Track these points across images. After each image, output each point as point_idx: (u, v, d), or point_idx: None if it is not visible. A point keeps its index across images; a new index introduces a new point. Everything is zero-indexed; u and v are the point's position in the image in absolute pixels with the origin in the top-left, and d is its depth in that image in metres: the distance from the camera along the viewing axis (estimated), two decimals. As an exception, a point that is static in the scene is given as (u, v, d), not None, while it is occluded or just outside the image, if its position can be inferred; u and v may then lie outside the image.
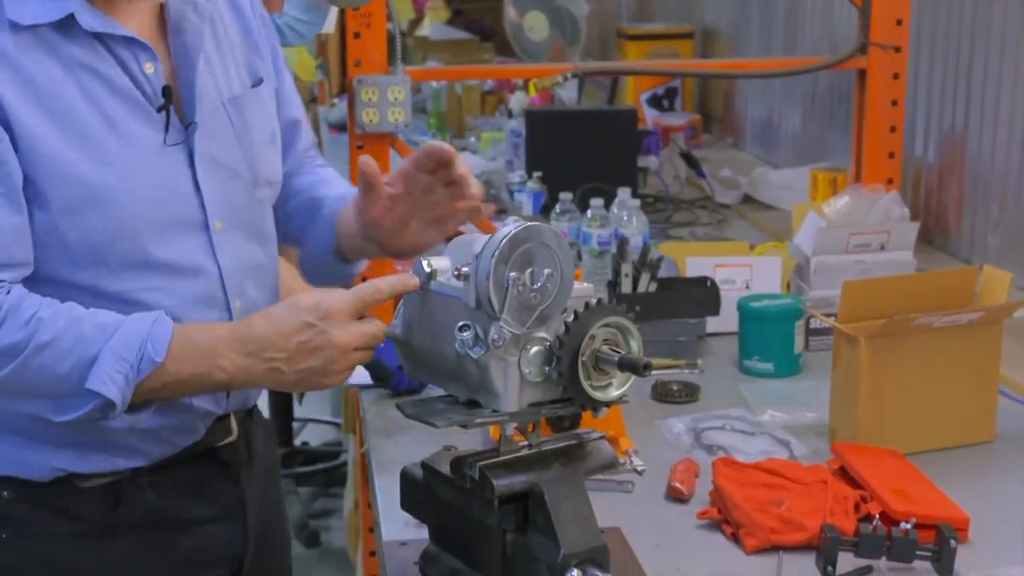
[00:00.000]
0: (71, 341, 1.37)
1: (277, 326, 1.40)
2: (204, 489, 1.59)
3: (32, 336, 1.36)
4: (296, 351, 1.40)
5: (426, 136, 4.72)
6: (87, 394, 1.37)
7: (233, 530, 1.64)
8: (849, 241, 2.60)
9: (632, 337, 1.38)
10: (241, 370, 1.41)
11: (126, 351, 1.37)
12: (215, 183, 1.51)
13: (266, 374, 1.41)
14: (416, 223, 1.63)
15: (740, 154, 4.69)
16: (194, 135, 1.50)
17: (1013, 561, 1.61)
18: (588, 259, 2.93)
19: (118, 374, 1.37)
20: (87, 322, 1.39)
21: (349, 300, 1.41)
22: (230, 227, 1.53)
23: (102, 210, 1.41)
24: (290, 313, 1.41)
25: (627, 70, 4.28)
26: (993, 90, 2.92)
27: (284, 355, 1.40)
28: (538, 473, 1.38)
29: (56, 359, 1.37)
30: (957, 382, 1.96)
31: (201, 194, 1.50)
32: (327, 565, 4.04)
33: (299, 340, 1.40)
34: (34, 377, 1.37)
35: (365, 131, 2.73)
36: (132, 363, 1.37)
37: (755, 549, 1.64)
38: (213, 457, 1.60)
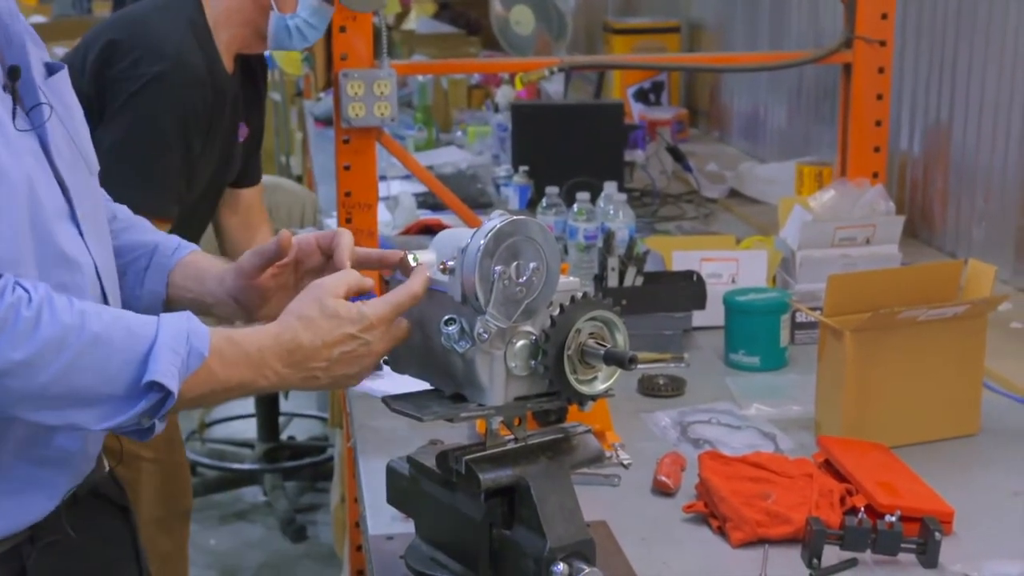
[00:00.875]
0: (121, 335, 1.27)
1: (322, 337, 1.36)
2: (100, 532, 1.52)
3: (84, 324, 1.25)
4: (337, 360, 1.38)
5: (412, 131, 4.72)
6: (140, 392, 1.27)
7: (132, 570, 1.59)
8: (835, 235, 2.60)
9: (618, 331, 1.38)
10: (282, 378, 1.37)
11: (176, 344, 1.30)
12: (66, 169, 1.42)
13: (303, 381, 1.39)
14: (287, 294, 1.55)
15: (726, 148, 4.70)
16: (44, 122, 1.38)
17: (997, 553, 1.61)
18: (574, 253, 2.93)
19: (173, 367, 1.29)
20: (128, 317, 1.31)
21: (390, 309, 1.38)
22: (88, 219, 1.44)
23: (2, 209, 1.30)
24: (334, 323, 1.37)
25: (613, 64, 4.28)
26: (978, 84, 2.93)
27: (325, 364, 1.37)
28: (524, 467, 1.38)
29: (108, 353, 1.26)
30: (942, 375, 1.96)
31: (63, 182, 1.40)
32: (314, 560, 4.04)
33: (343, 351, 1.37)
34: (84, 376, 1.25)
35: (351, 125, 2.72)
36: (183, 357, 1.30)
37: (741, 542, 1.65)
38: (96, 495, 1.52)
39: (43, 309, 1.24)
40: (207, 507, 4.38)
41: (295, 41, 2.53)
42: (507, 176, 3.79)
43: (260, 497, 4.43)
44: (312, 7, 2.51)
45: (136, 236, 1.63)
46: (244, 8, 2.48)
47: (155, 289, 1.61)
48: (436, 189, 2.99)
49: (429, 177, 3.02)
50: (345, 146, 2.77)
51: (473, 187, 3.92)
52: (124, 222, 1.65)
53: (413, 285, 1.39)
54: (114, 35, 2.41)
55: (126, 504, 1.59)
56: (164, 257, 1.61)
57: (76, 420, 1.28)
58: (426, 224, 3.38)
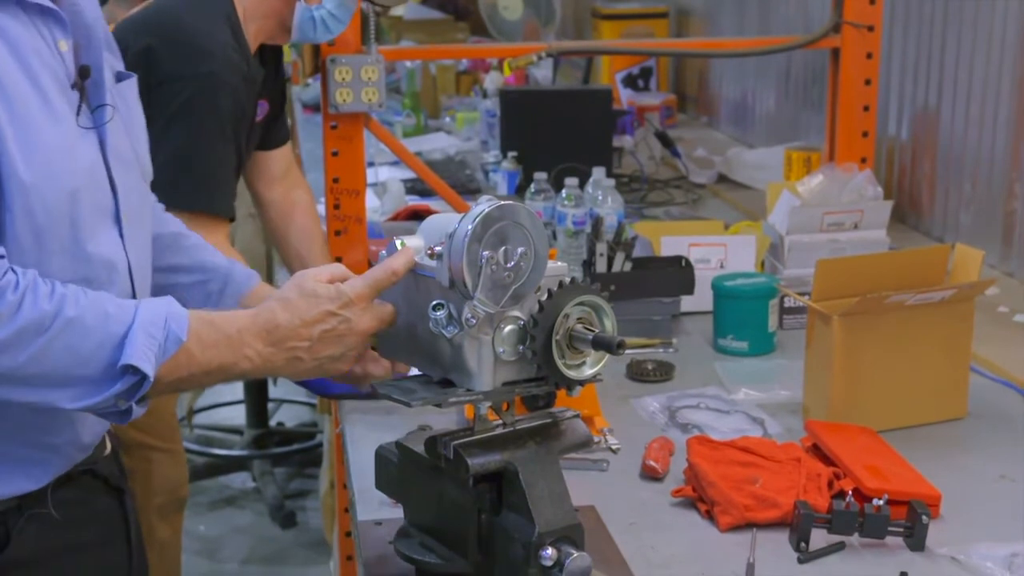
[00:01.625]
0: (95, 318, 1.30)
1: (301, 316, 1.38)
2: (90, 510, 1.54)
3: (59, 310, 1.28)
4: (319, 339, 1.39)
5: (400, 117, 4.71)
6: (115, 374, 1.30)
7: (118, 553, 1.59)
8: (823, 220, 2.61)
9: (606, 316, 1.38)
10: (265, 360, 1.39)
11: (153, 328, 1.32)
12: (120, 170, 1.46)
13: (287, 363, 1.40)
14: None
15: (715, 134, 4.70)
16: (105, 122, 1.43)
17: (984, 536, 1.62)
18: (563, 239, 2.93)
19: (148, 351, 1.31)
20: (107, 300, 1.33)
21: (368, 286, 1.40)
22: (131, 220, 1.48)
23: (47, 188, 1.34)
24: (311, 302, 1.39)
25: (602, 50, 4.28)
26: (966, 70, 2.93)
27: (307, 344, 1.39)
28: (512, 452, 1.38)
29: (81, 336, 1.29)
30: (929, 360, 1.97)
31: (113, 182, 1.44)
32: (303, 546, 4.04)
33: (323, 329, 1.39)
34: (58, 357, 1.28)
35: (339, 111, 2.71)
36: (160, 341, 1.32)
37: (729, 526, 1.65)
38: (93, 474, 1.54)
39: (27, 294, 1.27)
40: (196, 493, 4.37)
41: (319, 33, 2.51)
42: (495, 162, 3.79)
43: (249, 483, 4.43)
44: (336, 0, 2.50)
45: (209, 257, 1.69)
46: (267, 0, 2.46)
47: None
48: (424, 175, 2.98)
49: (417, 163, 3.02)
50: (333, 132, 2.76)
51: (461, 173, 3.92)
52: (195, 239, 1.70)
53: (393, 262, 1.40)
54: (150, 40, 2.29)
55: (122, 486, 1.60)
56: (236, 287, 1.66)
57: (50, 399, 1.31)
58: (414, 210, 3.38)
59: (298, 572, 3.91)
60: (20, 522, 1.44)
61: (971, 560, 1.55)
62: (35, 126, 1.34)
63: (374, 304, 1.41)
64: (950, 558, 1.57)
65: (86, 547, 1.53)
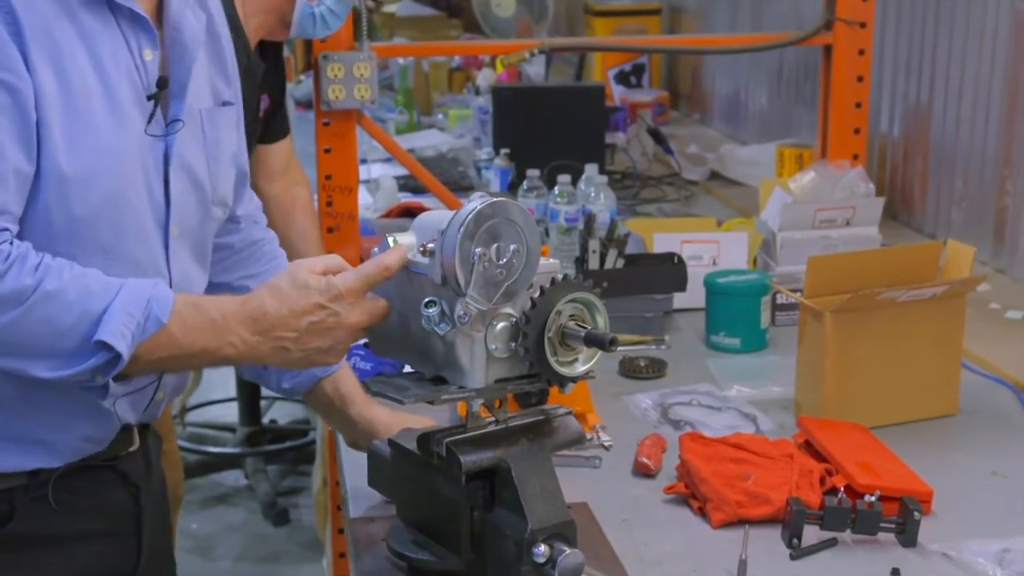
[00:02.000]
0: (77, 293, 1.33)
1: (289, 306, 1.38)
2: (101, 501, 1.56)
3: (39, 283, 1.31)
4: (307, 331, 1.39)
5: (393, 114, 4.70)
6: (91, 349, 1.33)
7: (126, 545, 1.60)
8: (815, 217, 2.61)
9: (598, 313, 1.38)
10: (251, 347, 1.39)
11: (133, 308, 1.34)
12: (180, 186, 1.50)
13: (273, 352, 1.40)
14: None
15: (707, 130, 4.70)
16: (175, 132, 1.48)
17: (976, 532, 1.62)
18: (555, 235, 2.93)
19: (126, 329, 1.33)
20: (92, 277, 1.35)
21: (359, 280, 1.40)
22: (182, 236, 1.52)
23: (91, 184, 1.38)
24: (301, 293, 1.39)
25: (594, 46, 4.27)
26: (957, 66, 2.94)
27: (294, 335, 1.39)
28: (505, 449, 1.38)
29: (61, 310, 1.32)
30: (921, 356, 1.97)
31: (169, 194, 1.48)
32: (296, 543, 4.04)
33: (311, 320, 1.39)
34: (34, 327, 1.32)
35: (331, 108, 2.71)
36: (139, 321, 1.34)
37: (722, 523, 1.65)
38: (113, 468, 1.56)
39: (12, 266, 1.31)
40: (188, 491, 4.35)
41: (318, 29, 2.52)
42: (488, 159, 3.78)
43: (242, 481, 4.43)
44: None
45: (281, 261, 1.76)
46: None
47: None
48: (417, 172, 2.98)
49: (410, 160, 3.02)
50: (325, 129, 2.76)
51: (454, 170, 3.92)
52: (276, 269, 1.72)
53: (386, 258, 1.40)
54: None
55: (139, 483, 1.61)
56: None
57: (25, 368, 1.35)
58: (407, 207, 3.37)
59: (291, 570, 3.90)
60: (26, 501, 1.47)
61: (963, 556, 1.56)
62: (92, 125, 1.38)
63: (366, 299, 1.41)
64: (942, 554, 1.58)
65: (91, 536, 1.54)
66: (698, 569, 1.56)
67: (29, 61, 1.34)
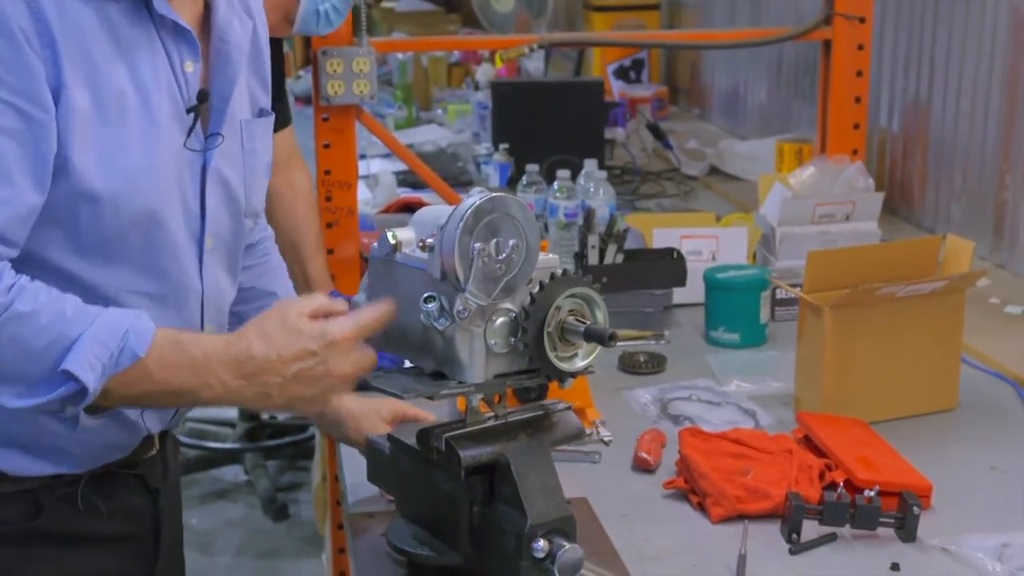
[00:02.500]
0: (50, 317, 1.26)
1: (278, 351, 1.31)
2: (122, 505, 1.54)
3: (10, 304, 1.25)
4: (293, 378, 1.32)
5: (392, 109, 4.70)
6: (58, 378, 1.26)
7: (146, 547, 1.59)
8: (814, 212, 2.61)
9: (598, 308, 1.38)
10: (232, 392, 1.32)
11: (108, 338, 1.28)
12: (216, 199, 1.46)
13: (255, 397, 1.33)
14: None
15: (706, 126, 4.70)
16: (214, 147, 1.45)
17: (975, 527, 1.62)
18: (555, 231, 2.93)
19: (96, 360, 1.27)
20: (69, 302, 1.30)
21: (353, 328, 1.34)
22: (216, 250, 1.48)
23: (124, 202, 1.34)
24: (291, 337, 1.31)
25: (593, 41, 4.27)
26: (957, 61, 2.94)
27: (279, 380, 1.31)
28: (504, 444, 1.38)
29: (32, 333, 1.25)
30: (920, 351, 1.97)
31: (204, 207, 1.45)
32: (295, 538, 4.04)
33: (299, 367, 1.31)
34: (3, 349, 1.25)
35: (330, 103, 2.71)
36: (112, 352, 1.27)
37: (721, 518, 1.65)
38: (133, 470, 1.54)
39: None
40: (188, 486, 4.37)
41: (321, 26, 2.52)
42: (487, 154, 3.78)
43: (241, 476, 4.43)
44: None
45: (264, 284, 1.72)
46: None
47: None
48: (416, 167, 2.98)
49: (409, 155, 3.01)
50: (324, 124, 2.76)
51: (453, 165, 3.91)
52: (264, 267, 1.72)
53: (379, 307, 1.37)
54: None
55: (158, 486, 1.59)
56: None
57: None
58: (406, 202, 3.37)
59: (290, 565, 3.91)
60: (52, 500, 1.45)
61: (962, 551, 1.56)
62: (127, 142, 1.34)
63: (356, 348, 1.35)
64: (941, 549, 1.58)
65: (112, 539, 1.53)
66: (697, 564, 1.56)
67: (63, 78, 1.29)
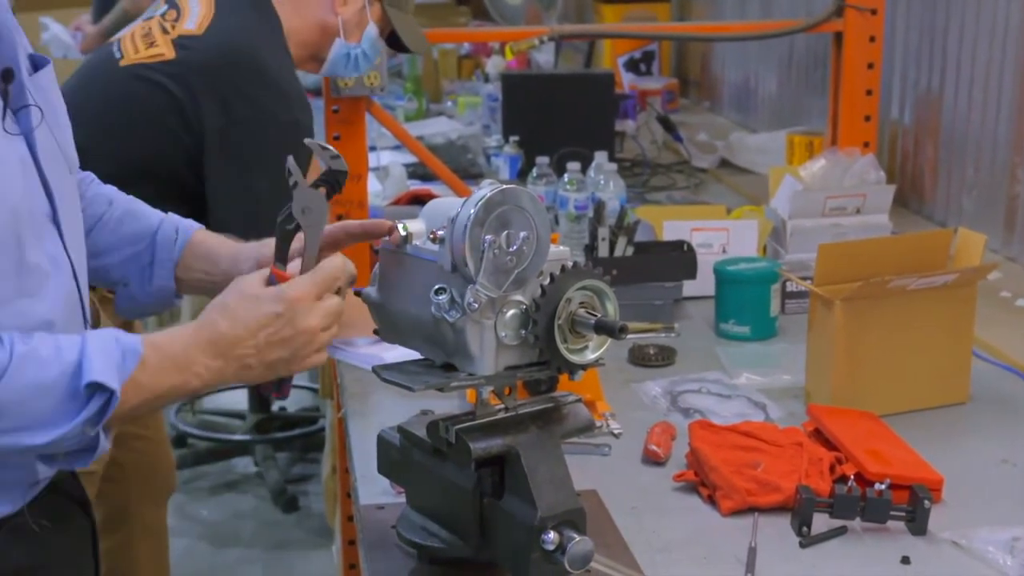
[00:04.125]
0: (49, 349, 1.26)
1: (243, 322, 1.34)
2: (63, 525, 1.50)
3: (12, 348, 1.24)
4: (265, 344, 1.35)
5: (402, 101, 4.70)
6: (81, 396, 1.26)
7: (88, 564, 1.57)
8: (825, 204, 2.60)
9: (608, 300, 1.38)
10: (214, 373, 1.34)
11: (105, 345, 1.29)
12: (52, 172, 1.40)
13: (237, 373, 1.35)
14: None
15: (717, 118, 4.69)
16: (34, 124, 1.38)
17: (986, 521, 1.62)
18: (565, 223, 2.93)
19: (111, 366, 1.27)
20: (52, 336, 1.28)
21: (311, 285, 1.36)
22: (68, 220, 1.43)
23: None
24: (252, 306, 1.35)
25: (604, 33, 4.26)
26: (969, 53, 2.93)
27: (253, 350, 1.35)
28: (514, 436, 1.38)
29: (40, 367, 1.25)
30: (932, 344, 1.97)
31: (48, 184, 1.39)
32: (305, 530, 4.05)
33: (267, 333, 1.34)
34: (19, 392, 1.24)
35: (340, 95, 2.71)
36: (117, 359, 1.28)
37: (731, 511, 1.65)
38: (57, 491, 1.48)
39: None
40: (198, 478, 4.38)
41: (349, 69, 2.54)
42: (497, 146, 3.78)
43: (251, 468, 4.44)
44: (372, 39, 2.52)
45: (134, 226, 1.63)
46: (305, 30, 2.46)
47: (164, 285, 1.63)
48: (426, 159, 2.98)
49: (419, 147, 3.02)
50: (335, 116, 2.76)
51: (463, 157, 3.91)
52: (119, 209, 1.64)
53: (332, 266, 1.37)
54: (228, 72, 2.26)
55: (85, 499, 1.57)
56: (167, 251, 1.62)
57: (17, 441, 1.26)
58: (416, 194, 3.37)
59: (300, 557, 3.92)
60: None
61: (973, 544, 1.56)
62: None
63: (319, 302, 1.37)
64: (952, 542, 1.57)
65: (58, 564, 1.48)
66: (707, 556, 1.56)
67: None
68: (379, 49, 2.56)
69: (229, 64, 2.26)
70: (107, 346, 1.29)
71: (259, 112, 2.25)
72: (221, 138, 2.24)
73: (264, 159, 2.23)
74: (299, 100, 2.34)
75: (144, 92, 2.27)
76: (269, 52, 2.32)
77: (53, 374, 1.26)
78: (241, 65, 2.26)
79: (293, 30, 2.42)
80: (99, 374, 1.26)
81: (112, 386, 1.27)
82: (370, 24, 2.51)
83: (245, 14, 2.35)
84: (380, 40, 2.56)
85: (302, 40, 2.46)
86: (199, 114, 2.24)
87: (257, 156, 2.24)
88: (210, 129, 2.24)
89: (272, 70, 2.29)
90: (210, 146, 2.24)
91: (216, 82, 2.25)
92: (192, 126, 2.24)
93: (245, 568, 3.87)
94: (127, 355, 1.29)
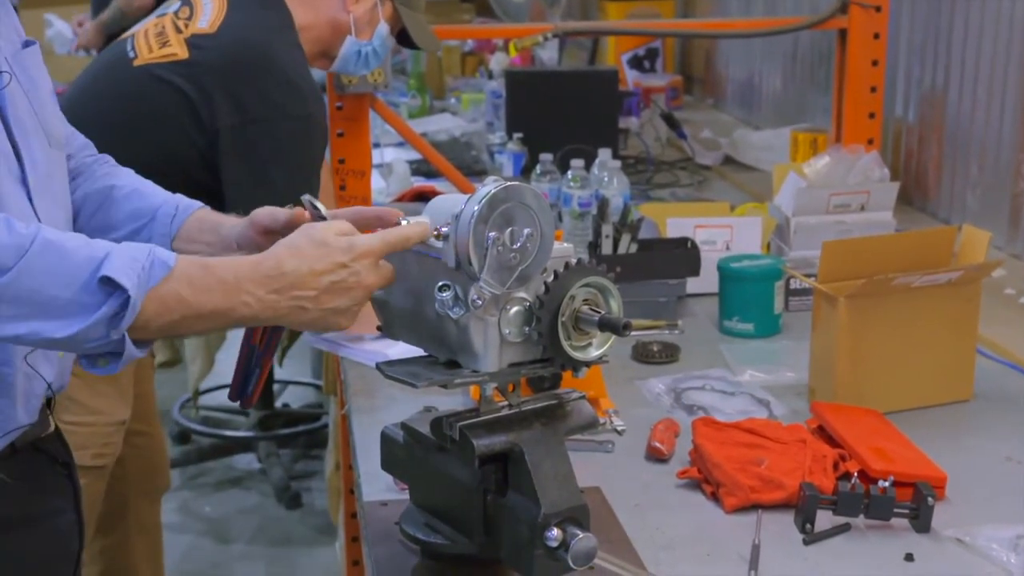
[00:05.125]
0: (76, 241, 1.27)
1: (310, 264, 1.34)
2: (42, 482, 1.53)
3: (37, 233, 1.25)
4: (326, 290, 1.35)
5: (406, 98, 4.70)
6: (98, 290, 1.25)
7: (71, 523, 1.58)
8: (829, 201, 2.60)
9: (612, 297, 1.37)
10: (266, 306, 1.34)
11: (135, 252, 1.29)
12: (22, 136, 1.44)
13: (291, 311, 1.35)
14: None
15: (721, 115, 4.69)
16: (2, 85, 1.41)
17: (990, 518, 1.62)
18: (569, 220, 2.93)
19: (131, 270, 1.27)
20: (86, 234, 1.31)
21: (382, 243, 1.38)
22: (39, 187, 1.45)
23: None
24: (322, 251, 1.35)
25: (608, 30, 4.27)
26: (973, 50, 2.92)
27: (313, 294, 1.35)
28: (518, 433, 1.38)
29: (62, 255, 1.25)
30: (936, 341, 1.97)
31: (17, 146, 1.42)
32: (309, 527, 4.05)
33: (332, 280, 1.35)
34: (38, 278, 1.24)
35: (344, 92, 2.72)
36: (144, 265, 1.28)
37: (734, 508, 1.65)
38: (36, 449, 1.52)
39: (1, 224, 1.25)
40: (201, 474, 4.39)
41: (359, 66, 2.54)
42: (501, 143, 3.78)
43: (255, 464, 4.44)
44: (382, 37, 2.53)
45: (139, 203, 1.64)
46: (317, 27, 2.46)
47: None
48: (430, 156, 2.98)
49: (423, 144, 3.02)
50: (339, 113, 2.77)
51: (467, 154, 3.91)
52: (126, 188, 1.65)
53: (409, 229, 1.39)
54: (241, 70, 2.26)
55: (68, 460, 1.58)
56: (163, 227, 1.61)
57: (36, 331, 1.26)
58: (420, 191, 3.38)
59: (304, 553, 3.92)
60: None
61: (976, 542, 1.55)
62: None
63: (381, 263, 1.39)
64: (955, 540, 1.57)
65: (37, 518, 1.51)
66: (711, 553, 1.56)
67: None
68: (388, 45, 2.56)
69: (242, 62, 2.27)
70: (137, 252, 1.29)
71: (273, 109, 2.25)
72: (236, 135, 2.24)
73: (279, 155, 2.25)
74: (312, 95, 2.34)
75: (157, 92, 2.27)
76: (282, 48, 2.33)
77: (74, 263, 1.26)
78: (254, 62, 2.27)
79: (305, 27, 2.43)
80: (115, 271, 1.26)
81: (124, 284, 1.26)
82: (381, 22, 2.51)
83: (257, 11, 2.36)
84: (390, 38, 2.56)
85: (313, 37, 2.46)
86: (212, 113, 2.24)
87: (272, 152, 2.25)
88: (224, 127, 2.24)
89: (285, 66, 2.30)
90: (225, 144, 2.25)
91: (229, 80, 2.25)
92: (205, 125, 2.25)
93: (248, 564, 3.87)
94: (156, 265, 1.29)
